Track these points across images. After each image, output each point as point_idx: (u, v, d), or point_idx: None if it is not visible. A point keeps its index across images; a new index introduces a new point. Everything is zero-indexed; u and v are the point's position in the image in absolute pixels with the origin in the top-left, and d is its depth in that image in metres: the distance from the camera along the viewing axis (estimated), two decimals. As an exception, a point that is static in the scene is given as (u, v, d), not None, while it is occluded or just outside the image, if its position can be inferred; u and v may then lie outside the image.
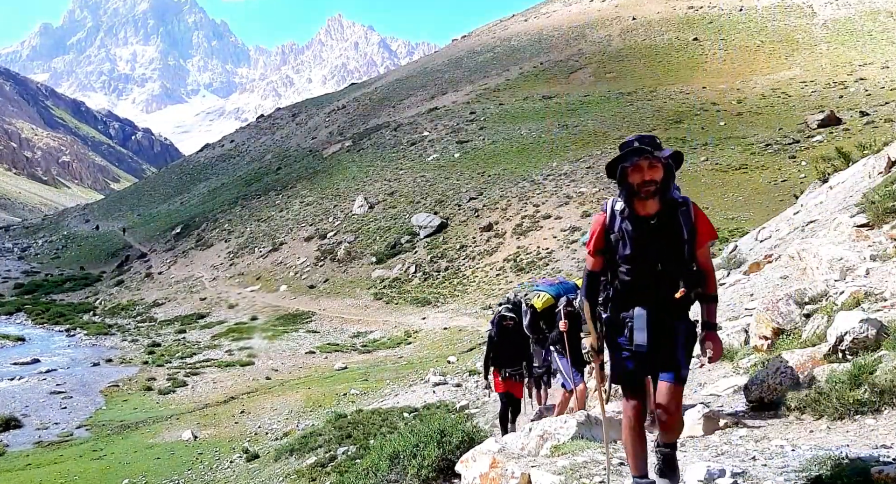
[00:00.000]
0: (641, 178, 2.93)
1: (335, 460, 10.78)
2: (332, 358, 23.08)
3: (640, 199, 2.97)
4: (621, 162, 3.00)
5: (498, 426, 8.10)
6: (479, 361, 17.64)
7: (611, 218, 3.08)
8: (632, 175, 2.96)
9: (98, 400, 19.87)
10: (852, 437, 3.48)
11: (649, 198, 2.95)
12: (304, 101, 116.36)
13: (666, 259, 2.99)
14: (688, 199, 3.04)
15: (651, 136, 2.99)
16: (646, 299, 3.01)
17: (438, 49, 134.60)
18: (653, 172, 2.92)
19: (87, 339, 31.17)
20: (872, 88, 44.36)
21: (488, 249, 32.64)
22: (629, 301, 3.05)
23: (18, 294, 47.41)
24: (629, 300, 3.05)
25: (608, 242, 3.09)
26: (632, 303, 3.04)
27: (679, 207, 3.00)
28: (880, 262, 5.71)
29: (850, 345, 4.09)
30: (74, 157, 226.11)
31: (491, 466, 3.66)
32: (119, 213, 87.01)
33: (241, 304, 35.36)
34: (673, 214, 2.99)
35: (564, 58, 75.41)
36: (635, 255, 3.00)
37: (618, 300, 3.09)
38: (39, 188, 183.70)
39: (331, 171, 58.89)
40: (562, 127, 50.11)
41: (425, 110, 67.81)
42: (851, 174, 10.36)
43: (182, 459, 13.60)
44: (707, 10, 78.91)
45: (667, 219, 2.99)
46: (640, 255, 2.99)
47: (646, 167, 2.92)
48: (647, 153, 2.90)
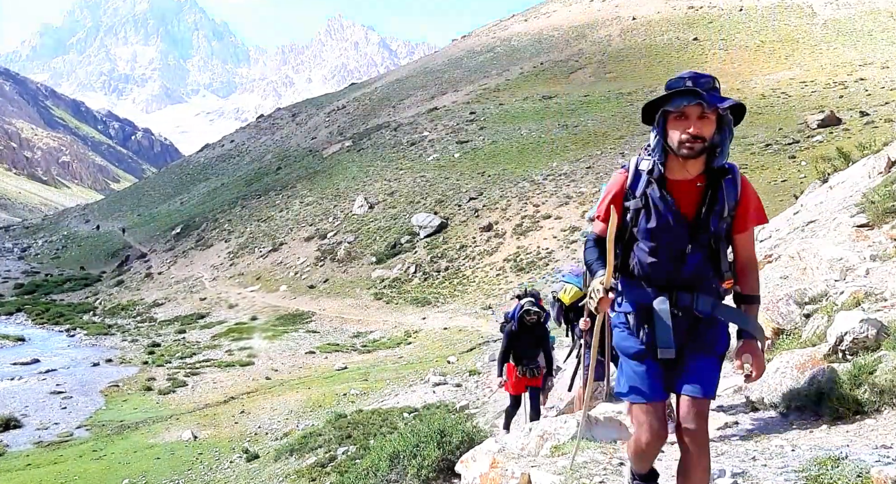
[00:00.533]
0: (687, 130, 2.28)
1: (335, 460, 10.77)
2: (332, 358, 23.08)
3: (679, 158, 2.33)
4: (664, 104, 2.32)
5: (498, 426, 8.08)
6: (479, 361, 17.66)
7: (633, 179, 2.44)
8: (674, 124, 2.30)
9: (98, 400, 19.86)
10: (852, 437, 3.48)
11: (691, 158, 2.31)
12: (304, 101, 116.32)
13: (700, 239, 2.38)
14: (735, 167, 2.41)
15: (710, 77, 2.31)
16: (670, 289, 2.39)
17: (438, 49, 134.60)
18: (703, 125, 2.27)
19: (87, 339, 31.16)
20: (872, 88, 44.34)
21: (488, 249, 32.65)
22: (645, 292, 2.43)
23: (18, 294, 47.41)
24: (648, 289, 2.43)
25: (624, 211, 2.45)
26: (650, 293, 2.42)
27: (723, 176, 2.38)
28: (880, 262, 5.71)
29: (850, 345, 4.09)
30: (74, 157, 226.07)
31: (491, 466, 3.66)
32: (119, 214, 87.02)
33: (241, 304, 35.36)
34: (715, 184, 2.36)
35: (564, 58, 75.42)
36: (661, 230, 2.36)
37: (632, 288, 2.47)
38: (39, 188, 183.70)
39: (331, 171, 58.88)
40: (562, 127, 50.11)
41: (425, 110, 67.81)
42: (851, 174, 10.36)
43: (182, 459, 13.60)
44: (707, 10, 78.90)
45: (708, 188, 2.36)
46: (667, 230, 2.36)
47: (695, 117, 2.27)
48: (700, 99, 2.25)
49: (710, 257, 2.39)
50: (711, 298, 2.41)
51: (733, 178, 2.39)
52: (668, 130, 2.32)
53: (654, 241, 2.38)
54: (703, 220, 2.35)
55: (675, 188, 2.37)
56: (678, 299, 2.38)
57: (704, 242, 2.37)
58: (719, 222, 2.36)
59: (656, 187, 2.38)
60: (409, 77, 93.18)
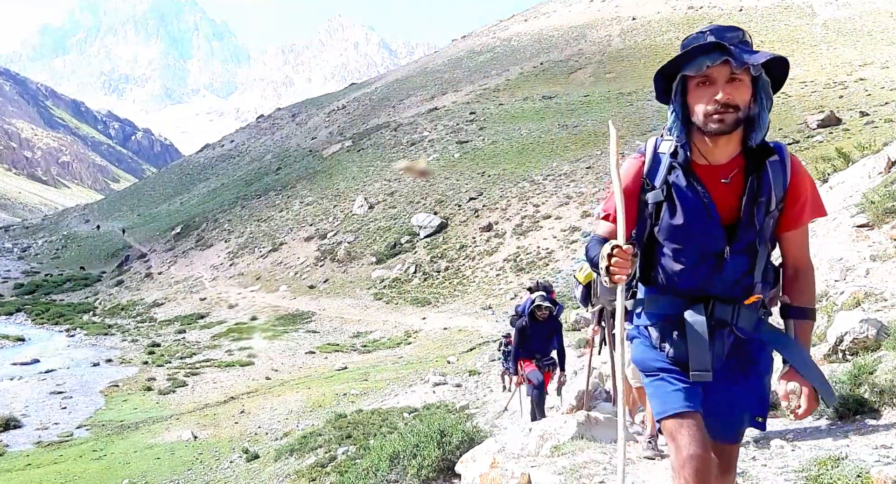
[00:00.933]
0: (714, 97, 1.78)
1: (335, 461, 10.77)
2: (332, 358, 23.07)
3: (708, 135, 1.85)
4: (682, 66, 1.83)
5: (498, 426, 8.07)
6: (479, 361, 17.66)
7: (652, 165, 1.97)
8: (697, 93, 1.82)
9: (98, 400, 19.86)
10: (852, 437, 3.48)
11: (722, 133, 1.82)
12: (304, 102, 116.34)
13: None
14: (782, 147, 1.93)
15: (738, 29, 1.84)
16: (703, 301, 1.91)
17: (438, 49, 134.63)
18: (734, 90, 1.77)
19: (87, 339, 31.15)
20: (872, 88, 44.35)
21: (488, 249, 32.65)
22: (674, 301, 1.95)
23: (18, 294, 47.41)
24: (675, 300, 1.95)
25: (641, 206, 1.97)
26: (678, 301, 1.94)
27: (767, 157, 1.88)
28: (880, 262, 5.72)
29: (850, 345, 4.09)
30: (74, 158, 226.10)
31: (491, 467, 3.66)
32: (119, 214, 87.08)
33: (241, 304, 35.36)
34: (757, 168, 1.87)
35: (564, 58, 75.44)
36: (690, 228, 1.88)
37: (655, 300, 1.98)
38: (39, 188, 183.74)
39: (331, 171, 58.90)
40: (562, 127, 50.13)
41: (425, 110, 67.83)
42: (851, 174, 10.37)
43: (182, 459, 13.60)
44: (707, 10, 78.93)
45: (747, 174, 1.87)
46: (698, 228, 1.88)
47: (723, 80, 1.78)
48: (728, 54, 1.76)
49: (753, 262, 1.90)
50: (755, 314, 1.91)
51: (781, 160, 1.88)
52: (691, 102, 1.84)
53: (682, 242, 1.90)
54: (744, 215, 1.86)
55: (705, 175, 1.88)
56: (714, 311, 1.89)
57: (746, 242, 1.88)
58: (765, 217, 1.87)
59: (682, 174, 1.89)
60: (409, 77, 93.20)
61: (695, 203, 1.87)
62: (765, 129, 1.87)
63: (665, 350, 1.94)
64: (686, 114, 1.87)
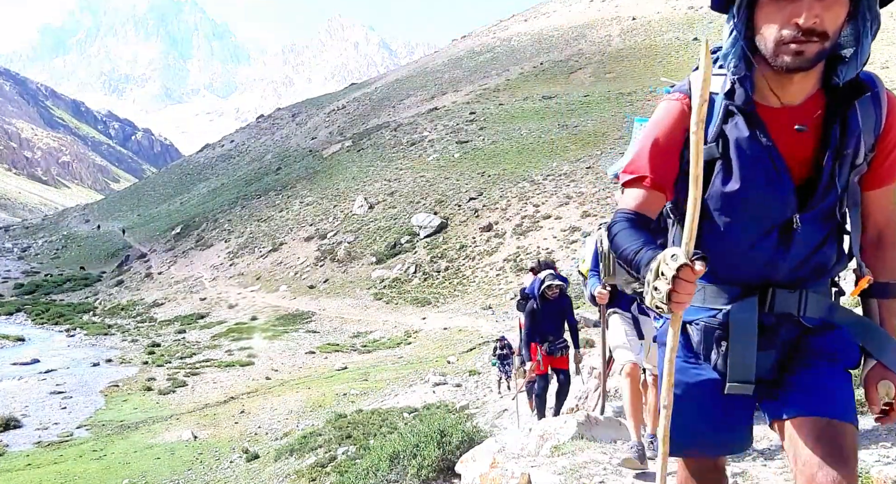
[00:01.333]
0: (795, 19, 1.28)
1: (335, 460, 10.77)
2: (332, 358, 23.08)
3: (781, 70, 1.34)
4: None
5: (498, 426, 8.06)
6: (479, 361, 17.66)
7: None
8: (771, 10, 1.32)
9: (98, 400, 19.86)
10: (852, 437, 3.48)
11: (800, 70, 1.33)
12: (304, 101, 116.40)
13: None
14: (875, 79, 1.41)
15: None
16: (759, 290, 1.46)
17: (438, 49, 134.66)
18: (824, 9, 1.27)
19: (87, 339, 31.17)
20: (872, 88, 44.44)
21: (488, 249, 32.66)
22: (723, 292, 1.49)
23: (18, 294, 47.45)
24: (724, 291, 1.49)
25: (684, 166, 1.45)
26: (726, 292, 1.49)
27: (857, 96, 1.39)
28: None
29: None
30: (74, 158, 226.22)
31: (491, 467, 3.66)
32: (119, 214, 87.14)
33: (241, 304, 35.37)
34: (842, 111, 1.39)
35: (564, 58, 75.48)
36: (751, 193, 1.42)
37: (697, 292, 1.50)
38: (39, 188, 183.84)
39: (331, 171, 58.94)
40: (562, 127, 50.16)
41: (425, 110, 67.87)
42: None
43: (182, 459, 13.60)
44: (707, 9, 78.46)
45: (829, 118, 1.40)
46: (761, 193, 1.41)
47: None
48: None
49: (830, 233, 1.46)
50: (827, 298, 1.48)
51: (875, 97, 1.40)
52: (759, 20, 1.34)
53: (740, 212, 1.43)
54: (825, 174, 1.40)
55: (773, 121, 1.41)
56: (775, 302, 1.45)
57: (824, 208, 1.42)
58: (850, 173, 1.42)
59: (742, 122, 1.41)
60: (409, 77, 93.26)
61: (759, 161, 1.40)
62: (861, 63, 1.37)
63: (711, 361, 1.51)
64: (751, 35, 1.37)
